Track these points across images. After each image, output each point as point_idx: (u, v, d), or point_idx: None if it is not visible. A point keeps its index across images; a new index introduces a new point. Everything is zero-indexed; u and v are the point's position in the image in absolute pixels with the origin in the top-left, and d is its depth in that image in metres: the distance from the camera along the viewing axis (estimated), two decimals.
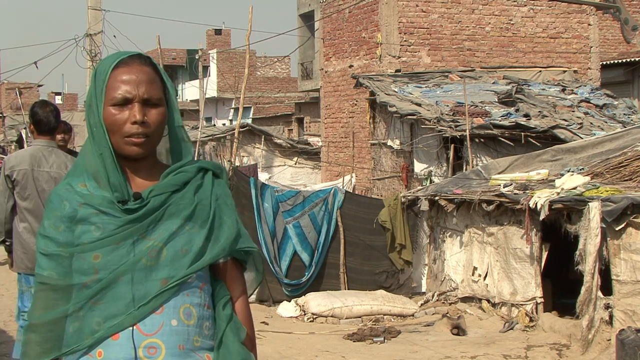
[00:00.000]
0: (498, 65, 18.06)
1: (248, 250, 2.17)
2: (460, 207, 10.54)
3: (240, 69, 34.15)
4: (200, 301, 2.08)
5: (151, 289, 2.01)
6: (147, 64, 2.10)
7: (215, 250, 2.09)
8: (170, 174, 2.11)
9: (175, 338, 2.02)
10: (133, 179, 2.11)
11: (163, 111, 2.10)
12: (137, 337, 1.99)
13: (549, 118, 13.98)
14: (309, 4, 27.13)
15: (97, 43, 13.98)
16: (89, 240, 2.02)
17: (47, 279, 2.05)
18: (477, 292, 10.30)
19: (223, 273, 2.16)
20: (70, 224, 2.05)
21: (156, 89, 2.09)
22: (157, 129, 2.08)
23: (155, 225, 2.04)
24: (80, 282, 2.01)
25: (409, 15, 17.67)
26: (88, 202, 2.05)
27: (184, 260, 2.04)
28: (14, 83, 37.52)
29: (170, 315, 2.02)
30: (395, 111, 14.70)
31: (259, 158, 23.37)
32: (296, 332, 9.63)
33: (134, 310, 1.99)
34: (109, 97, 2.05)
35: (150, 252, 2.02)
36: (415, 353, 8.44)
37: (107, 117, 2.05)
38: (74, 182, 2.09)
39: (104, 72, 2.07)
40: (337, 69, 19.58)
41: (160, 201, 2.06)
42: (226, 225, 2.12)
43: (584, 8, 18.31)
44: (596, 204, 8.07)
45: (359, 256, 11.63)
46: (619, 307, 7.94)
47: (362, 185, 17.83)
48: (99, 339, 1.99)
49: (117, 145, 2.06)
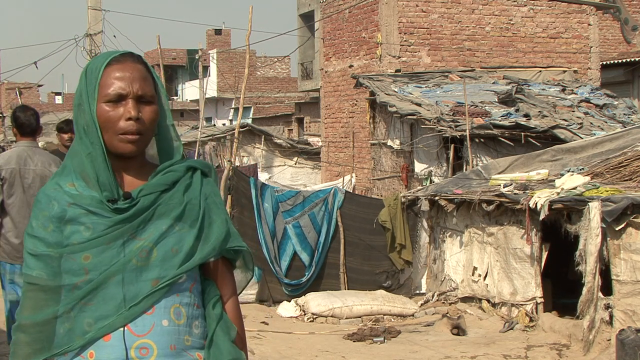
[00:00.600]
0: (498, 65, 18.06)
1: (238, 249, 2.17)
2: (460, 207, 10.54)
3: (240, 69, 34.15)
4: (190, 301, 2.07)
5: (142, 289, 2.00)
6: (139, 62, 2.09)
7: (206, 249, 2.08)
8: (160, 173, 2.09)
9: (166, 338, 2.01)
10: (123, 178, 2.10)
11: (156, 109, 2.08)
12: (128, 337, 1.98)
13: (549, 118, 13.98)
14: (309, 4, 27.13)
15: (97, 43, 13.98)
16: (79, 240, 2.00)
17: (36, 280, 2.03)
18: (477, 292, 10.29)
19: (213, 272, 2.15)
20: (60, 224, 2.03)
21: (149, 86, 2.08)
22: (150, 127, 2.07)
23: (145, 225, 2.03)
24: (70, 283, 2.00)
25: (409, 15, 17.67)
26: (77, 202, 2.03)
27: (175, 260, 2.03)
28: (14, 83, 37.54)
29: (161, 316, 2.01)
30: (395, 111, 14.70)
31: (259, 158, 23.37)
32: (296, 332, 9.63)
33: (124, 310, 1.98)
34: (102, 94, 2.03)
35: (141, 253, 2.01)
36: (415, 353, 8.44)
37: (100, 115, 2.03)
38: (62, 181, 2.08)
39: (97, 69, 2.05)
40: (337, 69, 19.58)
41: (150, 201, 2.04)
42: (216, 224, 2.11)
43: (584, 8, 18.31)
44: (596, 204, 8.07)
45: (359, 256, 11.63)
46: (619, 307, 7.94)
47: (362, 185, 17.83)
48: (90, 340, 1.98)
49: (110, 143, 2.04)
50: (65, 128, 7.78)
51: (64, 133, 7.74)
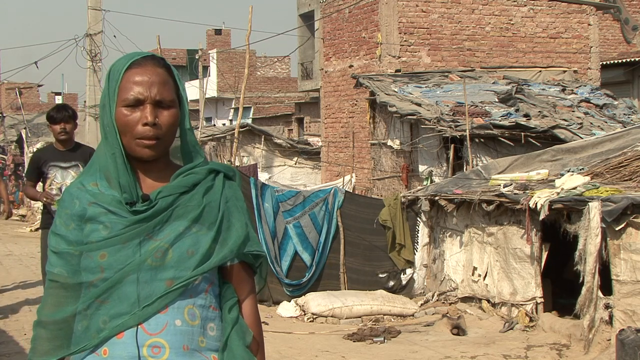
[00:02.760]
0: (498, 65, 18.06)
1: (257, 254, 2.17)
2: (460, 207, 10.54)
3: (240, 69, 34.16)
4: (204, 303, 2.08)
5: (156, 289, 2.01)
6: (160, 65, 2.10)
7: (223, 252, 2.09)
8: (180, 176, 2.10)
9: (179, 338, 2.02)
10: (144, 180, 2.11)
11: (175, 113, 2.09)
12: (141, 336, 2.00)
13: (549, 118, 13.98)
14: (309, 4, 27.13)
15: (97, 43, 14.00)
16: (97, 239, 2.03)
17: (57, 277, 2.08)
18: (477, 292, 10.30)
19: (231, 276, 2.16)
20: (80, 222, 2.06)
21: (169, 90, 2.08)
22: (168, 131, 2.08)
23: (162, 226, 2.04)
24: (87, 281, 2.03)
25: (409, 15, 17.67)
26: (98, 201, 2.06)
27: (190, 262, 2.04)
28: (14, 83, 37.55)
29: (175, 316, 2.03)
30: (395, 111, 14.70)
31: (259, 158, 23.37)
32: (296, 332, 9.63)
33: (138, 310, 2.00)
34: (121, 97, 2.05)
35: (156, 253, 2.02)
36: (415, 353, 8.44)
37: (118, 118, 2.05)
38: (86, 180, 2.11)
39: (117, 72, 2.07)
40: (337, 69, 19.58)
41: (168, 202, 2.06)
42: (235, 227, 2.11)
43: (584, 8, 18.32)
44: (596, 204, 8.07)
45: (360, 256, 11.63)
46: (619, 307, 7.94)
47: (362, 185, 17.83)
48: (104, 339, 2.00)
49: (129, 146, 2.06)
50: (56, 117, 6.55)
51: (56, 123, 6.56)
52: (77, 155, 6.71)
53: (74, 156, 6.70)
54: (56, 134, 6.64)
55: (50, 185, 6.64)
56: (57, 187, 6.61)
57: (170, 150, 2.15)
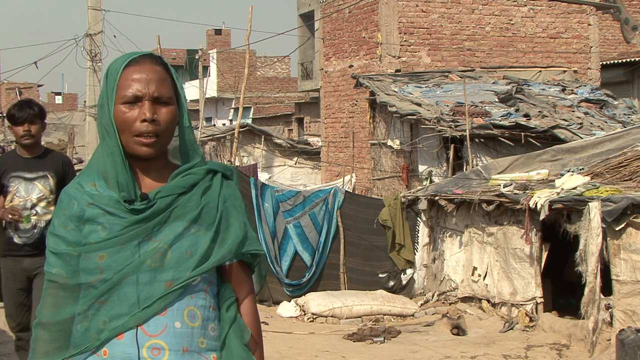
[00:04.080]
0: (498, 65, 18.06)
1: (255, 253, 2.17)
2: (460, 207, 10.54)
3: (240, 69, 34.15)
4: (204, 303, 2.09)
5: (155, 290, 2.01)
6: (158, 63, 2.11)
7: (221, 252, 2.09)
8: (179, 176, 2.10)
9: (179, 340, 2.03)
10: (142, 179, 2.11)
11: (173, 110, 2.09)
12: (140, 337, 2.00)
13: (549, 118, 13.98)
14: (309, 4, 27.12)
15: (97, 43, 13.98)
16: (96, 240, 2.03)
17: (56, 277, 2.07)
18: (477, 292, 10.30)
19: (229, 275, 2.16)
20: (79, 223, 2.06)
21: (167, 87, 2.09)
22: (167, 128, 2.08)
23: (160, 227, 2.04)
24: (86, 282, 2.03)
25: (409, 15, 17.67)
26: (96, 202, 2.06)
27: (189, 263, 2.04)
28: (14, 83, 37.56)
29: (174, 318, 2.03)
30: (395, 111, 14.70)
31: (259, 158, 23.38)
32: (296, 332, 9.63)
33: (137, 312, 2.00)
34: (120, 95, 2.05)
35: (155, 254, 2.02)
36: (415, 353, 8.44)
37: (117, 116, 2.05)
38: (84, 181, 2.11)
39: (116, 71, 2.07)
40: (337, 69, 19.58)
41: (167, 203, 2.06)
42: (233, 227, 2.12)
43: (584, 8, 18.31)
44: (596, 204, 8.07)
45: (360, 256, 11.63)
46: (619, 307, 7.94)
47: (362, 185, 17.83)
48: (104, 340, 2.01)
49: (127, 145, 2.06)
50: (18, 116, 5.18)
51: (18, 124, 5.20)
52: (44, 164, 5.25)
53: (41, 165, 5.23)
54: (19, 138, 5.27)
55: (11, 201, 5.15)
56: (21, 203, 5.12)
57: (168, 150, 2.15)
